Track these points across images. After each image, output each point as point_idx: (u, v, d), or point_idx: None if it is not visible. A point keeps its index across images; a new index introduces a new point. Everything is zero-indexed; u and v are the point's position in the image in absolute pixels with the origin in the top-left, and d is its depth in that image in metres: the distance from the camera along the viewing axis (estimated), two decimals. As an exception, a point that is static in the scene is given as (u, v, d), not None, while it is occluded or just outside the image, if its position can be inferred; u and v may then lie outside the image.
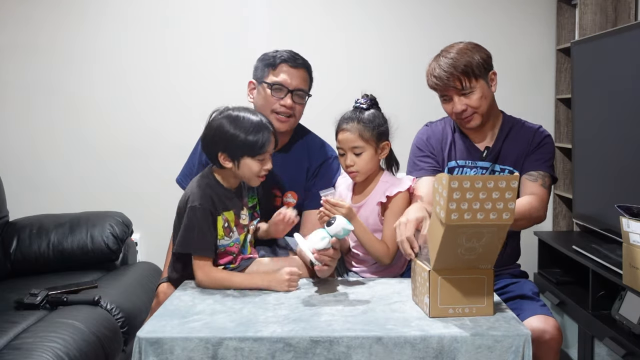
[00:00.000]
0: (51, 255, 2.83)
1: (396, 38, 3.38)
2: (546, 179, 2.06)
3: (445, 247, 1.53)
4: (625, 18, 2.86)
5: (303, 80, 2.17)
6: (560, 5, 3.35)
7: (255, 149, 1.83)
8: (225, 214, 1.86)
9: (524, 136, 2.11)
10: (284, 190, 2.18)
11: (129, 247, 3.08)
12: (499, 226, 1.50)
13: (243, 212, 1.92)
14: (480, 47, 2.06)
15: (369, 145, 2.00)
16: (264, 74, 2.16)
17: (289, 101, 2.13)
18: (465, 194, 1.44)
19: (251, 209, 1.98)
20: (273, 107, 2.13)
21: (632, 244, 1.96)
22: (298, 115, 2.19)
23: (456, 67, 1.98)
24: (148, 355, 1.45)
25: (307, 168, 2.21)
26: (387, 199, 2.01)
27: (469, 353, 1.45)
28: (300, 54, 2.19)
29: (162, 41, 3.35)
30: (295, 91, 2.14)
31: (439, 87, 2.03)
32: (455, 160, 2.14)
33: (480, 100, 2.02)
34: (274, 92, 2.13)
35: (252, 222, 1.97)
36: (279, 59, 2.14)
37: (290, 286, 1.79)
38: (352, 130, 2.00)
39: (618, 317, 2.18)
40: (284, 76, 2.13)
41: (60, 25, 3.34)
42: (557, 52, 3.36)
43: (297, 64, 2.15)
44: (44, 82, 3.36)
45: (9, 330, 2.10)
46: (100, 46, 3.35)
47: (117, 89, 3.37)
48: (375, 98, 2.07)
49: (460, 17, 3.37)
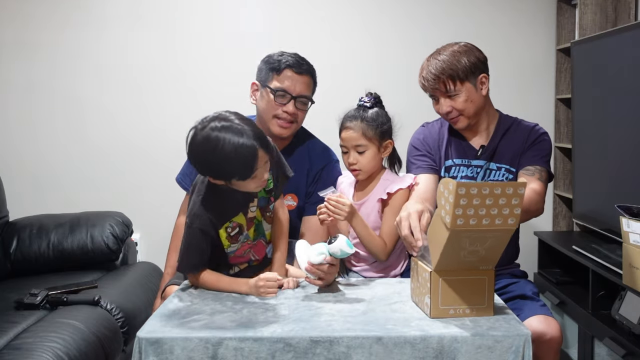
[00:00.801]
0: (51, 255, 2.83)
1: (395, 38, 3.37)
2: (543, 173, 2.07)
3: (448, 251, 1.52)
4: (625, 18, 2.86)
5: (307, 87, 2.15)
6: (560, 5, 3.35)
7: (242, 174, 1.70)
8: (234, 219, 1.81)
9: (520, 134, 2.13)
10: (285, 193, 2.17)
11: (129, 247, 3.08)
12: (504, 231, 1.50)
13: (253, 204, 1.84)
14: (474, 49, 2.07)
15: (372, 144, 2.01)
16: (267, 78, 2.14)
17: (291, 108, 2.12)
18: (472, 200, 1.44)
19: (267, 193, 1.89)
20: (275, 112, 2.12)
21: (632, 244, 1.96)
22: (300, 121, 2.18)
23: (442, 71, 2.01)
24: (148, 355, 1.45)
25: (308, 172, 2.20)
26: (388, 196, 2.01)
27: (469, 353, 1.45)
28: (306, 58, 2.18)
29: (164, 41, 3.35)
30: (298, 97, 2.13)
31: (425, 88, 2.08)
32: (451, 159, 2.15)
33: (466, 104, 2.04)
34: (277, 98, 2.11)
35: (267, 207, 1.89)
36: (284, 64, 2.11)
37: (264, 293, 1.73)
38: (355, 128, 2.01)
39: (618, 317, 2.18)
40: (287, 82, 2.11)
41: (61, 24, 3.33)
42: (557, 52, 3.36)
43: (301, 70, 2.13)
44: (44, 82, 3.36)
45: (9, 330, 2.10)
46: (100, 46, 3.35)
47: (117, 89, 3.37)
48: (379, 96, 2.08)
49: (460, 17, 3.36)
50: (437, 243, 1.54)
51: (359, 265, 2.10)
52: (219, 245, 1.81)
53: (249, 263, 1.89)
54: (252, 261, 1.89)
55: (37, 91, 3.37)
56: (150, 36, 3.35)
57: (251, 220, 1.85)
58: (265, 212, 1.89)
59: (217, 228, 1.78)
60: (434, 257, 1.57)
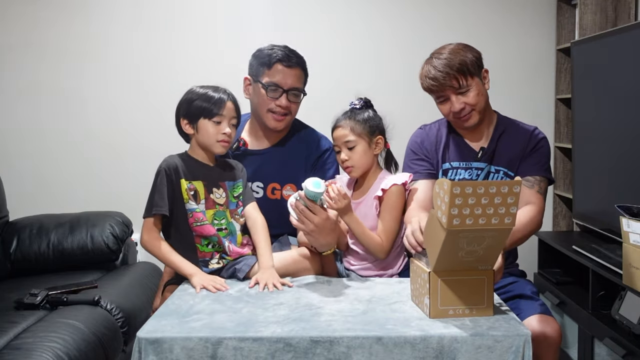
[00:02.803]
0: (51, 255, 2.82)
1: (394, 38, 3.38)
2: (542, 183, 2.06)
3: (445, 251, 1.52)
4: (625, 18, 2.86)
5: (298, 79, 2.18)
6: (560, 5, 3.35)
7: (208, 109, 1.95)
8: (193, 182, 1.95)
9: (519, 138, 2.10)
10: (283, 184, 2.20)
11: (129, 247, 3.08)
12: (501, 230, 1.50)
13: (217, 191, 1.98)
14: (470, 47, 2.07)
15: (362, 139, 2.04)
16: (259, 73, 2.17)
17: (284, 101, 2.15)
18: (467, 200, 1.44)
19: (235, 198, 2.02)
20: (269, 106, 2.15)
21: (632, 244, 1.96)
22: (294, 113, 2.22)
23: (451, 67, 1.99)
24: (148, 355, 1.45)
25: (305, 161, 2.23)
26: (382, 192, 2.02)
27: (469, 353, 1.45)
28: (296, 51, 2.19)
29: (168, 41, 3.35)
30: (290, 91, 2.16)
31: (435, 89, 2.03)
32: (449, 162, 2.13)
33: (478, 97, 2.03)
34: (269, 92, 2.15)
35: (236, 211, 2.01)
36: (274, 58, 2.14)
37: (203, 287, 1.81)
38: (344, 125, 2.06)
39: (618, 317, 2.18)
40: (278, 77, 2.14)
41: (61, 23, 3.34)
42: (557, 52, 3.36)
43: (291, 63, 2.15)
44: (44, 82, 3.36)
45: (9, 330, 2.09)
46: (100, 46, 3.35)
47: (118, 89, 3.37)
48: (369, 100, 2.13)
49: (460, 17, 3.36)
50: (435, 244, 1.54)
51: (356, 264, 2.10)
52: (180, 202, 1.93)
53: (222, 255, 1.94)
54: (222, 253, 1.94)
55: (37, 91, 3.37)
56: (153, 36, 3.36)
57: (212, 203, 1.97)
58: (234, 214, 2.01)
59: (179, 175, 1.94)
60: (432, 258, 1.57)
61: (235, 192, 2.03)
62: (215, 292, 1.79)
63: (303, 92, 2.21)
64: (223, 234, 1.95)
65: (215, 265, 1.93)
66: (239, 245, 1.98)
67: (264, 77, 2.15)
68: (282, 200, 2.16)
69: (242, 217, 2.02)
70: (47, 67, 3.35)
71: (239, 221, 2.01)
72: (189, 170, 1.97)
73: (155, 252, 1.92)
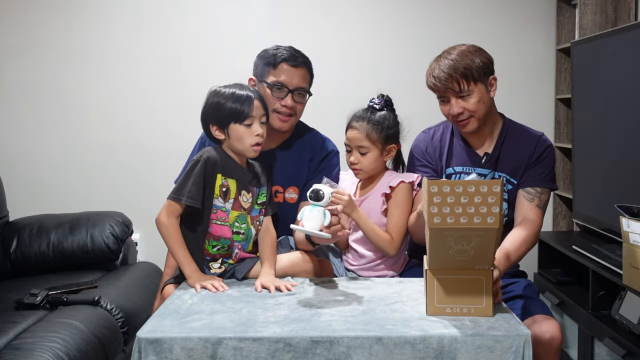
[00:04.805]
0: (51, 255, 2.82)
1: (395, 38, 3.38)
2: (543, 195, 2.04)
3: (434, 248, 1.55)
4: (625, 18, 2.86)
5: (303, 79, 2.16)
6: (560, 5, 3.35)
7: (239, 113, 1.90)
8: (228, 179, 1.92)
9: (524, 144, 2.07)
10: (286, 187, 2.19)
11: (129, 247, 3.08)
12: (486, 230, 1.50)
13: (247, 194, 1.95)
14: (483, 50, 2.03)
15: (375, 147, 2.02)
16: (264, 73, 2.15)
17: (289, 101, 2.13)
18: (446, 198, 1.47)
19: (259, 205, 1.99)
20: (274, 106, 2.13)
21: (632, 244, 1.96)
22: (299, 113, 2.20)
23: (456, 69, 1.96)
24: (148, 355, 1.45)
25: (309, 164, 2.22)
26: (390, 189, 2.01)
27: (469, 353, 1.45)
28: (301, 51, 2.18)
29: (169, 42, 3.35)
30: (295, 90, 2.14)
31: (436, 88, 2.01)
32: (452, 166, 2.12)
33: (478, 105, 1.99)
34: (274, 92, 2.13)
35: (258, 217, 1.98)
36: (279, 58, 2.13)
37: (200, 285, 1.80)
38: (360, 129, 2.03)
39: (618, 317, 2.18)
40: (284, 76, 2.13)
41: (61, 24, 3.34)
42: (557, 52, 3.36)
43: (297, 63, 2.14)
44: (44, 82, 3.36)
45: (9, 330, 2.09)
46: (101, 47, 3.35)
47: (118, 89, 3.37)
48: (390, 99, 2.08)
49: (460, 17, 3.36)
50: (427, 241, 1.58)
51: (357, 263, 2.09)
52: (210, 196, 1.89)
53: (224, 260, 1.92)
54: (225, 257, 1.92)
55: (37, 91, 3.36)
56: (154, 37, 3.35)
57: (238, 206, 1.93)
58: (254, 221, 1.98)
59: (217, 169, 1.90)
60: (427, 256, 1.59)
61: (260, 199, 2.00)
62: (215, 291, 1.79)
63: (308, 92, 2.20)
64: (239, 238, 1.93)
65: (217, 270, 1.93)
66: (247, 251, 1.97)
67: (270, 77, 2.14)
68: (285, 204, 2.16)
69: (260, 226, 2.00)
70: (47, 68, 3.35)
71: (257, 229, 1.99)
72: (226, 166, 1.93)
73: (167, 237, 1.89)
